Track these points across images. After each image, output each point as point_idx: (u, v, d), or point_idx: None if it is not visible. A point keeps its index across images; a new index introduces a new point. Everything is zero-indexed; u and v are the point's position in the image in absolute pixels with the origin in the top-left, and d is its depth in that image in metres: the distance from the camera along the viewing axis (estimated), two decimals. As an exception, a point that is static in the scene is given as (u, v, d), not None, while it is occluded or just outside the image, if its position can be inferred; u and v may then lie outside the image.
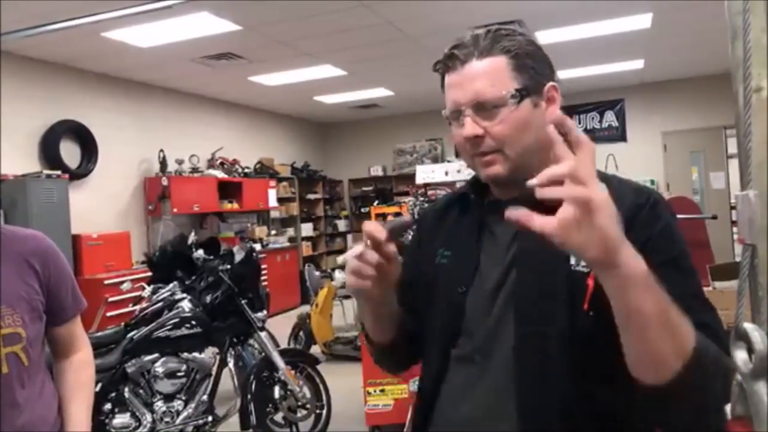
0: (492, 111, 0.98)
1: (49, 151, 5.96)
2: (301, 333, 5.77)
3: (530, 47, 1.02)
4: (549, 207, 1.00)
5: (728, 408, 0.59)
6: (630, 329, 0.77)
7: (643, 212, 0.95)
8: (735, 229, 7.81)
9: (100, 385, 3.03)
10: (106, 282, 5.68)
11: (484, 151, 1.00)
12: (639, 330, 0.76)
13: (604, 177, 1.03)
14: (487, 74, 0.98)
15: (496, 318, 1.01)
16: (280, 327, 5.65)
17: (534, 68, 1.01)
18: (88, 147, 6.40)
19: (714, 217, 5.18)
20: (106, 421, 3.07)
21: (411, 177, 8.14)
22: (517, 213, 0.73)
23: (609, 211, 0.70)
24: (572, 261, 0.95)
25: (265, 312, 3.71)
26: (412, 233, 1.33)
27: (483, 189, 1.12)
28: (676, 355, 0.77)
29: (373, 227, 0.94)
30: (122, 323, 3.35)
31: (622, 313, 0.76)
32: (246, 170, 8.73)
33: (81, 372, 1.51)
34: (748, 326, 0.57)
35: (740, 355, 0.57)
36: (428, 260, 1.14)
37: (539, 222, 0.71)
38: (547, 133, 1.03)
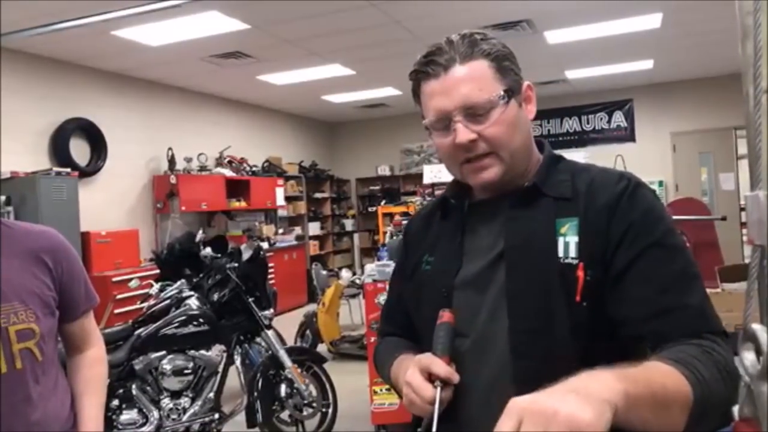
0: (482, 115, 0.98)
1: (59, 149, 6.01)
2: (307, 331, 5.78)
3: (505, 50, 1.03)
4: (530, 203, 1.01)
5: (736, 409, 0.59)
6: (630, 428, 0.76)
7: (624, 198, 0.96)
8: (744, 231, 7.76)
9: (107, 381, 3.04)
10: (114, 279, 5.71)
11: (478, 154, 1.00)
12: (640, 425, 0.75)
13: (581, 167, 1.05)
14: (473, 78, 0.98)
15: (488, 317, 1.00)
16: (286, 325, 5.66)
17: (512, 70, 1.02)
18: (98, 145, 6.44)
19: (723, 219, 5.15)
20: (114, 417, 3.09)
21: (418, 177, 8.16)
22: None
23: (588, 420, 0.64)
24: (560, 254, 0.96)
25: (272, 310, 3.72)
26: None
27: (463, 191, 1.12)
28: (679, 414, 0.78)
29: (446, 372, 0.93)
30: (130, 320, 3.37)
31: (624, 426, 0.74)
32: (254, 169, 8.76)
33: (94, 368, 1.52)
34: (756, 327, 0.56)
35: (748, 357, 0.57)
36: (415, 269, 1.14)
37: None
38: (530, 133, 1.05)
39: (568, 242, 0.96)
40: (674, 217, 1.06)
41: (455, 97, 0.98)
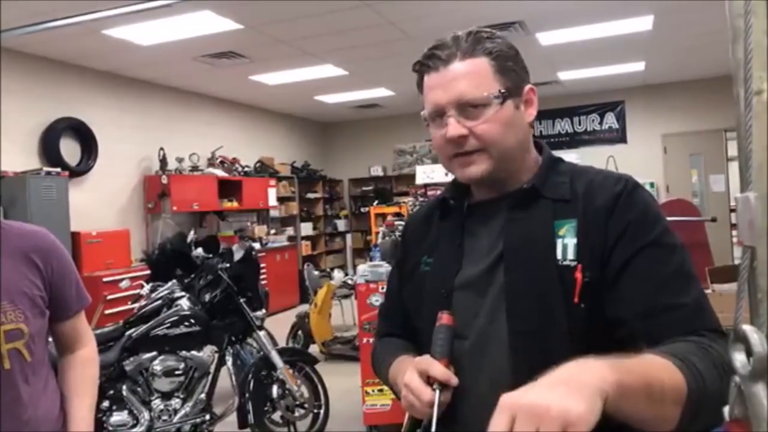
0: (475, 111, 0.98)
1: (49, 149, 5.96)
2: (299, 332, 5.78)
3: (510, 51, 1.04)
4: (529, 204, 1.02)
5: (726, 409, 0.59)
6: (625, 419, 0.76)
7: (622, 199, 0.97)
8: (734, 232, 7.81)
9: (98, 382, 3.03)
10: (105, 280, 5.68)
11: (467, 151, 1.00)
12: (634, 416, 0.75)
13: (580, 170, 1.06)
14: (470, 75, 0.99)
15: (486, 318, 1.00)
16: (278, 326, 5.65)
17: (515, 71, 1.03)
18: (89, 144, 6.40)
19: (713, 220, 5.17)
20: (104, 418, 3.07)
21: (411, 177, 8.16)
22: None
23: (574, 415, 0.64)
24: (559, 255, 0.96)
25: (263, 311, 3.72)
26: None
27: (463, 192, 1.12)
28: (672, 407, 0.77)
29: (444, 375, 0.93)
30: (121, 321, 3.35)
31: (619, 417, 0.74)
32: (246, 169, 8.74)
33: (85, 368, 1.51)
34: (747, 328, 0.57)
35: (739, 357, 0.57)
36: (413, 270, 1.14)
37: None
38: (526, 135, 1.05)
39: (567, 244, 0.96)
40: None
41: (451, 91, 0.99)
